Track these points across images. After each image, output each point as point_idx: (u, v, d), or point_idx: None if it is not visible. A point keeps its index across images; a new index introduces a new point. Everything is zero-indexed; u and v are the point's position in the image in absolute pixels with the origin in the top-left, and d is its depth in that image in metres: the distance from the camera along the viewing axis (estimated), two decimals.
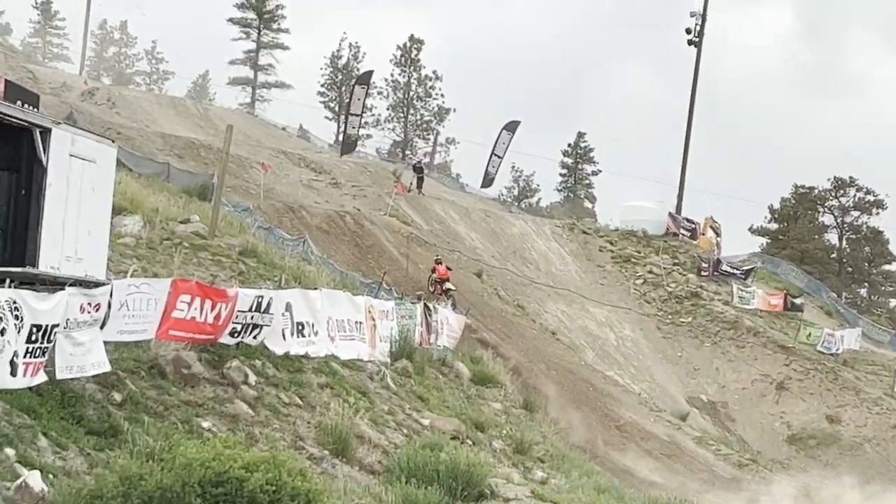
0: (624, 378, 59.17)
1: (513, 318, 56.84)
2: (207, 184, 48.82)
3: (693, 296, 71.36)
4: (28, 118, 21.30)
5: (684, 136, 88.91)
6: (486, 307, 54.90)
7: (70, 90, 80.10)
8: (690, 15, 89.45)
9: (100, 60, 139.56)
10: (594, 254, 73.98)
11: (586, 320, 64.33)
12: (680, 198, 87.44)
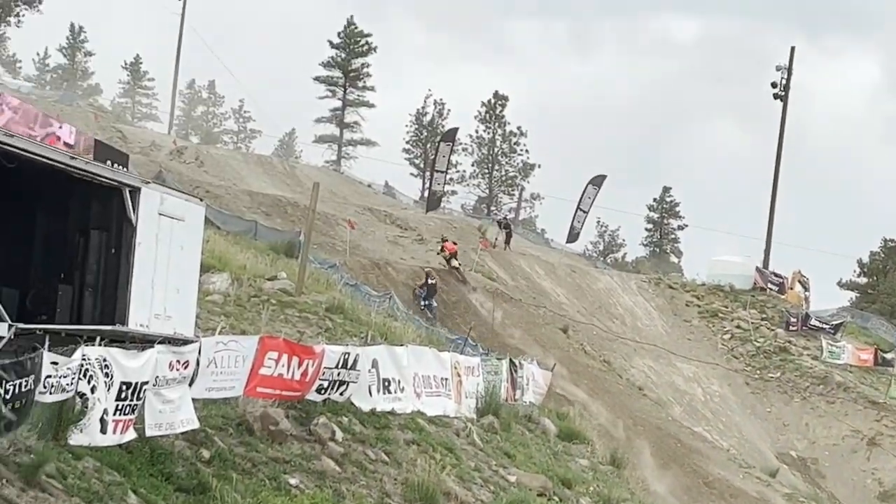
0: (712, 434, 58.54)
1: (599, 374, 56.51)
2: (294, 241, 49.16)
3: (782, 350, 70.56)
4: (118, 178, 21.57)
5: (771, 190, 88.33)
6: (572, 363, 54.64)
7: (159, 149, 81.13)
8: (776, 69, 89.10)
9: (188, 120, 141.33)
10: (681, 308, 73.44)
11: (673, 375, 63.79)
12: (767, 252, 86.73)
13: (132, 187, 21.60)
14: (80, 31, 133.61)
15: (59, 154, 20.47)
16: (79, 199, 22.35)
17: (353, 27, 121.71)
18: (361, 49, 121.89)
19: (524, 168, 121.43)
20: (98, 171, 21.20)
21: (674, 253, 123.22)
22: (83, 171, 20.84)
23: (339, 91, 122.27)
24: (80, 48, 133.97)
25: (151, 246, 21.79)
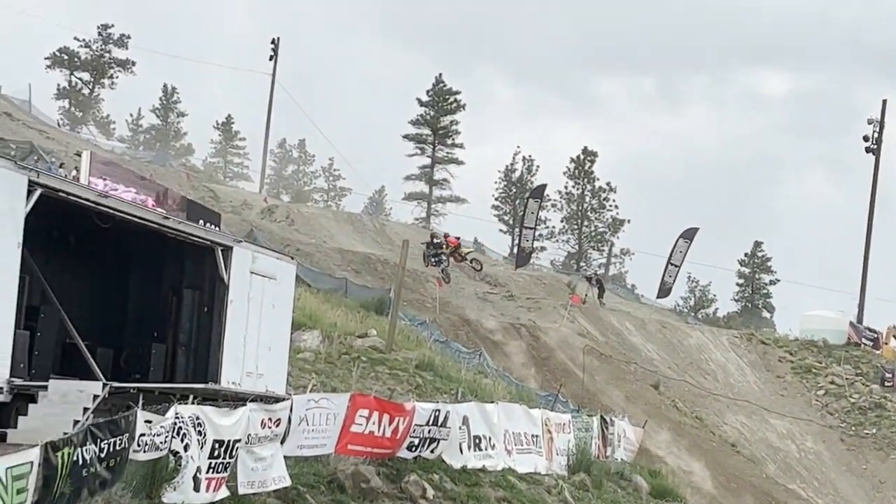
0: (807, 492, 57.68)
1: (692, 431, 55.97)
2: (384, 298, 49.29)
3: (877, 407, 69.43)
4: (210, 237, 21.80)
5: (864, 243, 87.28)
6: (664, 419, 54.17)
7: (250, 208, 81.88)
8: (868, 122, 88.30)
9: (279, 178, 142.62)
10: (773, 364, 72.59)
11: (767, 432, 63.00)
12: (861, 306, 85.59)
13: (224, 246, 21.81)
14: (172, 92, 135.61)
15: (152, 214, 20.73)
16: (172, 258, 22.63)
17: (442, 85, 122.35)
18: (450, 106, 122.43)
19: (613, 223, 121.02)
20: (191, 230, 21.43)
21: (766, 308, 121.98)
22: (176, 230, 21.08)
23: (429, 148, 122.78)
24: (173, 109, 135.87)
25: (243, 304, 21.97)
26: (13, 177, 17.22)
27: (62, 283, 21.21)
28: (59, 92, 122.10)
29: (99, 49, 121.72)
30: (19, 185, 17.31)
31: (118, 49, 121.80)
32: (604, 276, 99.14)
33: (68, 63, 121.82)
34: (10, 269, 17.26)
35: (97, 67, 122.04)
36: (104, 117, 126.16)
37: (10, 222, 17.18)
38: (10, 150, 55.96)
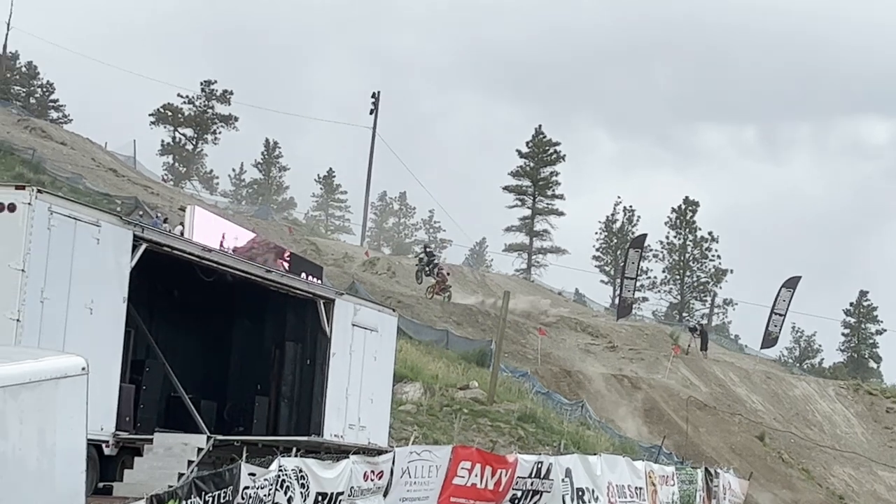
0: None
1: (798, 483, 55.12)
2: (486, 349, 49.24)
3: None
4: (312, 290, 21.95)
5: None
6: (769, 471, 53.42)
7: (352, 261, 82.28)
8: None
9: (380, 231, 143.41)
10: (881, 415, 71.36)
11: (875, 484, 61.88)
12: None
13: (326, 299, 21.95)
14: (274, 146, 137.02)
15: (255, 267, 20.91)
16: (275, 311, 22.80)
17: (542, 136, 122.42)
18: (550, 158, 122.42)
19: (716, 273, 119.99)
20: (293, 283, 21.60)
21: (872, 358, 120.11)
22: (279, 283, 21.25)
23: (529, 200, 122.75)
24: (275, 163, 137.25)
25: (345, 357, 22.07)
26: (119, 232, 17.47)
27: (167, 336, 21.45)
28: (163, 148, 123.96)
29: (202, 105, 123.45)
30: (125, 241, 17.55)
31: (221, 105, 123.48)
32: (707, 326, 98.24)
33: (172, 119, 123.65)
34: (116, 323, 17.48)
35: (200, 123, 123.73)
36: (207, 172, 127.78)
37: (116, 277, 17.41)
38: (116, 205, 56.86)
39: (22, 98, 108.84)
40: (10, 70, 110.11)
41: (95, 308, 16.90)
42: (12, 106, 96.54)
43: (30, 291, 15.73)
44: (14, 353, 13.03)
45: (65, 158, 75.90)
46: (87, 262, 16.76)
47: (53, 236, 16.10)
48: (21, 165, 61.91)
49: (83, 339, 16.10)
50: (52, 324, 16.07)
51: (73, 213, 16.64)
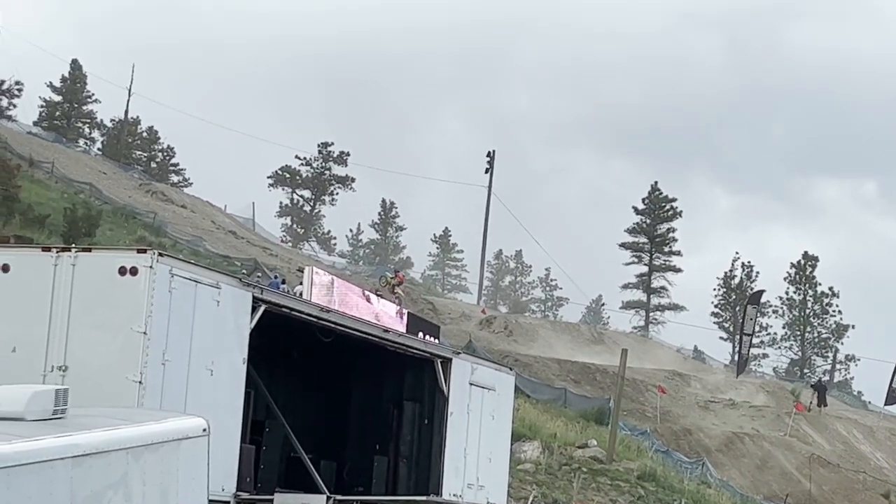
0: None
1: None
2: (604, 408, 48.99)
3: None
4: (429, 349, 22.02)
5: None
6: None
7: (468, 319, 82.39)
8: None
9: (496, 289, 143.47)
10: None
11: None
12: None
13: (444, 358, 22.00)
14: (391, 206, 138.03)
15: (372, 327, 21.03)
16: (392, 370, 22.89)
17: (658, 192, 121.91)
18: (666, 214, 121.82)
19: (837, 329, 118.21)
20: (410, 342, 21.69)
21: None
22: (396, 343, 21.34)
23: (646, 256, 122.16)
24: (392, 223, 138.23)
25: (463, 416, 22.06)
26: (238, 294, 17.68)
27: (286, 396, 21.62)
28: (281, 209, 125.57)
29: (320, 167, 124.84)
30: (244, 302, 17.75)
31: (338, 166, 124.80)
32: (828, 382, 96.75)
33: (290, 181, 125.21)
34: (237, 384, 17.66)
35: (318, 184, 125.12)
36: (325, 233, 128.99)
37: (236, 338, 17.61)
38: (236, 267, 57.58)
39: (143, 163, 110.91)
40: (132, 135, 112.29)
41: (216, 369, 17.08)
42: (134, 171, 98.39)
43: (152, 354, 15.95)
44: (137, 416, 13.21)
45: (185, 221, 77.15)
46: (208, 323, 16.96)
47: (174, 299, 16.33)
48: (143, 229, 63.05)
49: (204, 401, 16.28)
50: (173, 385, 16.27)
51: (194, 275, 16.87)
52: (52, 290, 16.38)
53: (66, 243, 35.37)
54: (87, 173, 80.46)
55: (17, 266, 16.76)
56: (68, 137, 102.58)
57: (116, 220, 63.20)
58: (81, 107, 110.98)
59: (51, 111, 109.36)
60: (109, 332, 16.04)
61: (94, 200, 65.43)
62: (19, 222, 48.35)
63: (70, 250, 16.85)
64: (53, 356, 16.17)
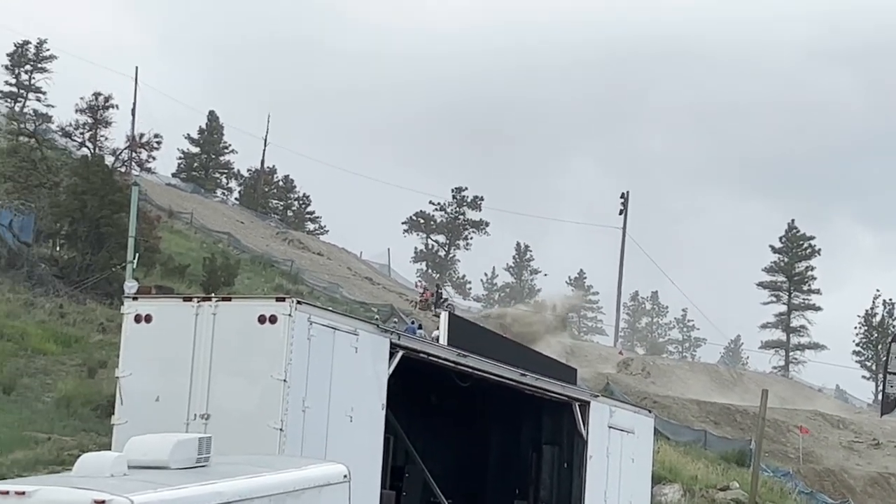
0: None
1: None
2: (745, 449, 48.36)
3: None
4: (567, 392, 21.95)
5: None
6: None
7: (605, 362, 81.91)
8: None
9: (633, 331, 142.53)
10: None
11: None
12: None
13: (581, 401, 21.93)
14: (525, 250, 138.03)
15: (510, 371, 21.02)
16: (530, 414, 22.86)
17: (795, 231, 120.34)
18: (805, 252, 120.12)
19: None
20: (548, 386, 21.64)
21: None
22: (534, 387, 21.31)
23: (784, 295, 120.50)
24: (527, 267, 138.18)
25: (602, 459, 21.95)
26: (376, 340, 17.79)
27: (425, 442, 21.68)
28: (416, 254, 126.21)
29: (454, 212, 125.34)
30: (382, 348, 17.85)
31: (472, 211, 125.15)
32: None
33: (425, 226, 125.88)
34: (376, 430, 17.74)
35: (452, 230, 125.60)
36: (460, 277, 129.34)
37: (375, 384, 17.71)
38: (372, 313, 57.98)
39: (280, 211, 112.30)
40: (268, 184, 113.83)
41: (355, 415, 17.19)
42: (271, 219, 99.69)
43: (292, 401, 16.10)
44: (278, 463, 13.35)
45: (322, 268, 77.91)
46: (347, 370, 17.08)
47: (313, 346, 16.47)
48: (280, 277, 63.75)
49: (344, 447, 16.37)
50: (313, 432, 16.39)
51: (332, 322, 17.01)
52: (193, 339, 16.64)
53: (206, 293, 35.89)
54: (225, 223, 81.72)
55: (160, 316, 17.05)
56: (206, 188, 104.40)
57: (254, 268, 63.97)
58: (219, 158, 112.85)
59: (189, 163, 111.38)
60: (250, 379, 16.24)
61: (232, 249, 66.34)
62: (160, 273, 49.17)
63: (210, 300, 17.11)
64: (196, 405, 16.40)
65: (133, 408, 16.70)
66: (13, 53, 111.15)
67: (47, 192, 49.25)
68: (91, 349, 35.92)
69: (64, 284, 43.86)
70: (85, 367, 33.89)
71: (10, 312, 38.27)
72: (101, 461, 11.30)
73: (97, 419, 28.34)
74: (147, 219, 50.46)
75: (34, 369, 33.66)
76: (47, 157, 52.57)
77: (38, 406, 30.49)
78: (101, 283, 43.78)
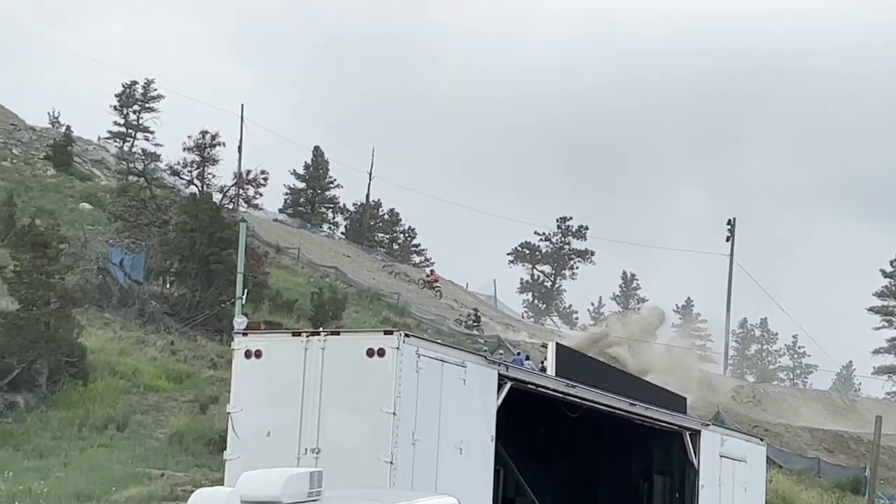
0: None
1: None
2: (860, 477, 47.68)
3: None
4: (677, 422, 21.80)
5: None
6: None
7: (714, 390, 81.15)
8: None
9: (742, 358, 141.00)
10: None
11: None
12: None
13: (692, 430, 21.77)
14: (632, 278, 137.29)
15: (619, 401, 20.93)
16: (640, 444, 22.73)
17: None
18: None
19: None
20: (658, 415, 21.51)
21: None
22: (644, 416, 21.20)
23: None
24: (633, 295, 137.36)
25: (714, 488, 21.79)
26: (484, 372, 17.81)
27: (534, 473, 21.63)
28: (522, 285, 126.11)
29: (559, 242, 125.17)
30: (490, 380, 17.87)
31: (577, 240, 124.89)
32: None
33: (530, 257, 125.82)
34: (486, 462, 17.74)
35: (558, 259, 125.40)
36: (566, 307, 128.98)
37: (483, 416, 17.72)
38: (479, 345, 58.02)
39: (386, 244, 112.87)
40: (374, 218, 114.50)
41: (465, 448, 17.21)
42: (377, 253, 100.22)
43: (401, 434, 16.17)
44: (389, 496, 13.38)
45: (428, 301, 78.09)
46: (455, 402, 17.12)
47: (422, 379, 16.54)
48: (387, 310, 64.02)
49: (454, 479, 16.40)
50: (423, 465, 16.44)
51: (440, 354, 17.07)
52: (303, 373, 16.78)
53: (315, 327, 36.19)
54: (332, 257, 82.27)
55: (270, 351, 17.23)
56: (313, 223, 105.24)
57: (362, 301, 64.33)
58: (324, 192, 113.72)
59: (295, 198, 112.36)
60: (360, 413, 16.33)
61: (339, 283, 66.76)
62: (269, 308, 49.65)
63: (319, 334, 17.24)
64: (307, 439, 16.53)
65: (245, 443, 16.87)
66: (121, 94, 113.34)
67: (157, 230, 49.97)
68: (202, 385, 36.36)
69: (174, 321, 44.46)
70: (196, 402, 34.30)
71: (122, 350, 38.87)
72: (215, 497, 11.40)
73: (209, 455, 28.67)
74: (255, 255, 50.98)
75: (147, 406, 34.13)
76: (156, 196, 53.37)
77: (152, 442, 30.90)
78: (211, 319, 44.32)
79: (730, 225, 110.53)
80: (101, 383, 34.44)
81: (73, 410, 32.24)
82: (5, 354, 32.52)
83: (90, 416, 31.69)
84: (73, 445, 29.52)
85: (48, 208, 56.88)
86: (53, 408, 32.51)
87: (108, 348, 38.21)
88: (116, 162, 78.70)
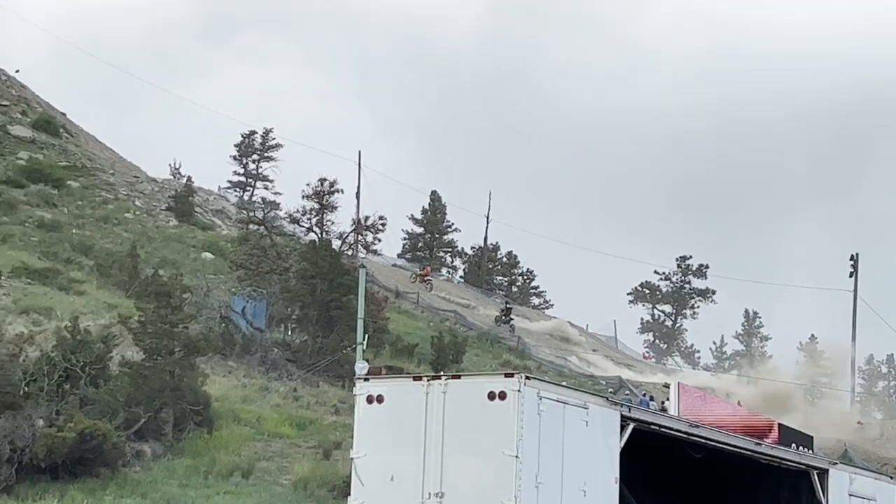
0: None
1: None
2: None
3: None
4: (804, 460, 21.51)
5: None
6: None
7: (841, 428, 79.77)
8: None
9: (869, 395, 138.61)
10: None
11: None
12: None
13: (820, 469, 21.47)
14: (754, 316, 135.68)
15: (744, 441, 20.71)
16: (766, 483, 22.44)
17: None
18: None
19: None
20: (784, 454, 21.25)
21: None
22: (769, 456, 20.95)
23: None
24: (756, 333, 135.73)
25: None
26: (606, 413, 17.73)
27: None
28: (642, 325, 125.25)
29: (679, 281, 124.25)
30: (613, 421, 17.78)
31: (697, 279, 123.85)
32: None
33: (650, 296, 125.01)
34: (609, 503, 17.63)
35: (678, 299, 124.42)
36: (688, 347, 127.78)
37: (607, 458, 17.62)
38: (601, 386, 57.68)
39: (504, 287, 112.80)
40: (492, 261, 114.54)
41: (588, 490, 17.12)
42: (496, 296, 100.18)
43: (525, 476, 16.13)
44: None
45: (548, 343, 77.86)
46: (578, 444, 17.05)
47: (543, 421, 16.50)
48: (508, 353, 63.92)
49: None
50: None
51: (561, 397, 17.03)
52: (424, 417, 16.83)
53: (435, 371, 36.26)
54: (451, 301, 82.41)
55: (391, 396, 17.30)
56: (431, 267, 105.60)
57: (482, 345, 64.28)
58: (442, 236, 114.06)
59: (413, 243, 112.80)
60: (482, 456, 16.33)
61: (459, 327, 66.85)
62: (389, 353, 49.84)
63: (440, 378, 17.30)
64: (430, 483, 16.55)
65: (369, 488, 16.94)
66: (241, 144, 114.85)
67: (278, 277, 50.48)
68: (325, 431, 36.56)
69: (297, 368, 44.82)
70: (320, 448, 34.49)
71: (245, 397, 39.23)
72: None
73: (334, 500, 28.81)
74: (375, 300, 51.22)
75: (271, 453, 34.39)
76: (276, 244, 53.95)
77: (277, 489, 31.11)
78: (333, 365, 44.59)
79: (853, 260, 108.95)
80: (226, 431, 34.81)
81: (199, 458, 32.60)
82: (132, 404, 33.04)
83: (216, 464, 32.01)
84: (199, 493, 29.83)
85: (171, 259, 57.75)
86: (179, 456, 32.90)
87: (231, 396, 38.61)
88: (237, 211, 79.67)
